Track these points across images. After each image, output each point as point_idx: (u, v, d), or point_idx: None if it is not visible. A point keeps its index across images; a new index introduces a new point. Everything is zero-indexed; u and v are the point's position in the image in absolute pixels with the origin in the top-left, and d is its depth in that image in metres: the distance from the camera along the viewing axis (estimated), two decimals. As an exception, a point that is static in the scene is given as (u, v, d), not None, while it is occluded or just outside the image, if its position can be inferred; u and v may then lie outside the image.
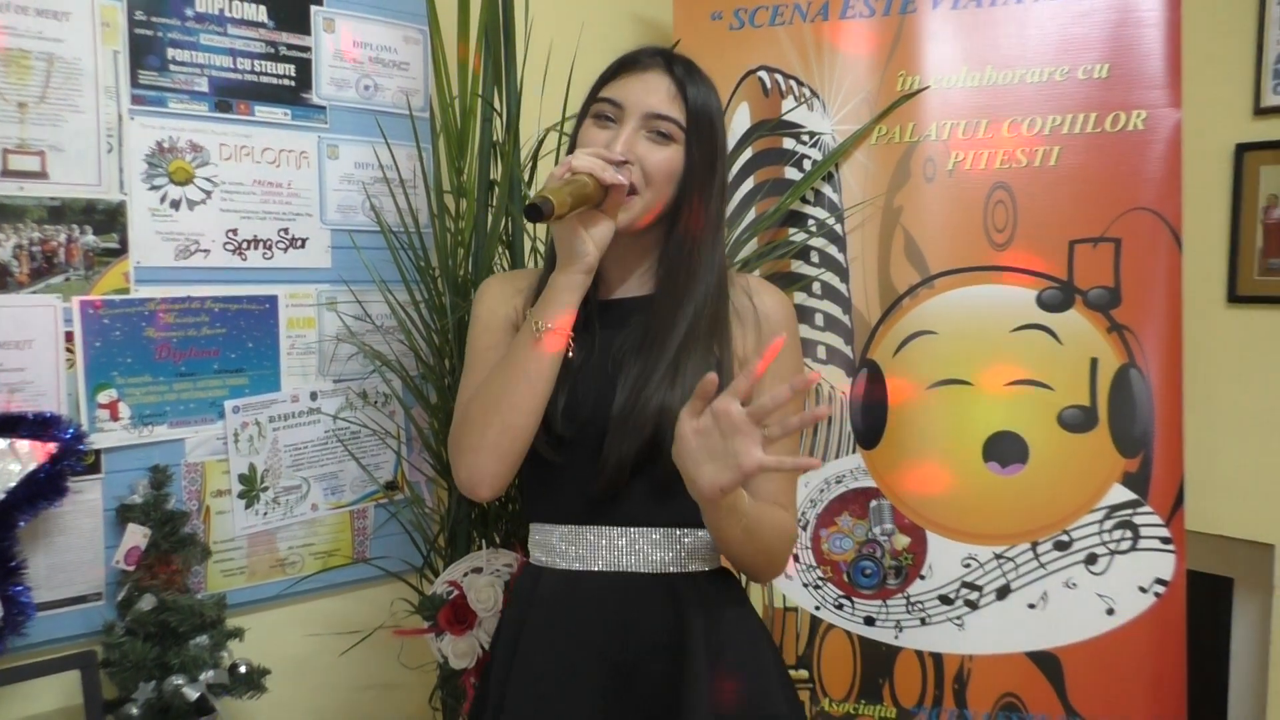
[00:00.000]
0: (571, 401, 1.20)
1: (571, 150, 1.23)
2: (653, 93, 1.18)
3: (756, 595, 1.98)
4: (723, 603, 1.23)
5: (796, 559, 2.00)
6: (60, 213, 1.55)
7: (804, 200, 2.01)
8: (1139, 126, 1.87)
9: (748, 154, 2.04)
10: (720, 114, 1.24)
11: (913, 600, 1.95)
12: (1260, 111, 2.06)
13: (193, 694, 1.54)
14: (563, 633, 1.21)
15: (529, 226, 1.85)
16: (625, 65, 1.22)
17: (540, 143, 1.83)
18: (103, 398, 1.60)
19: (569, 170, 1.13)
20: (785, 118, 2.02)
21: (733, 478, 1.01)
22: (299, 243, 1.82)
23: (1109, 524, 1.88)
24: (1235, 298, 2.10)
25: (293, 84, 1.80)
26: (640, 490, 1.18)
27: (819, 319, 2.00)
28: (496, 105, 1.79)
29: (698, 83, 1.21)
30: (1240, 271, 2.09)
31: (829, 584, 1.99)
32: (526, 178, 1.82)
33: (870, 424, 1.98)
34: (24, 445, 1.46)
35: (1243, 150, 2.08)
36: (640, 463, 1.16)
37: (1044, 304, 1.91)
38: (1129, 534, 1.87)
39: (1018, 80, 1.92)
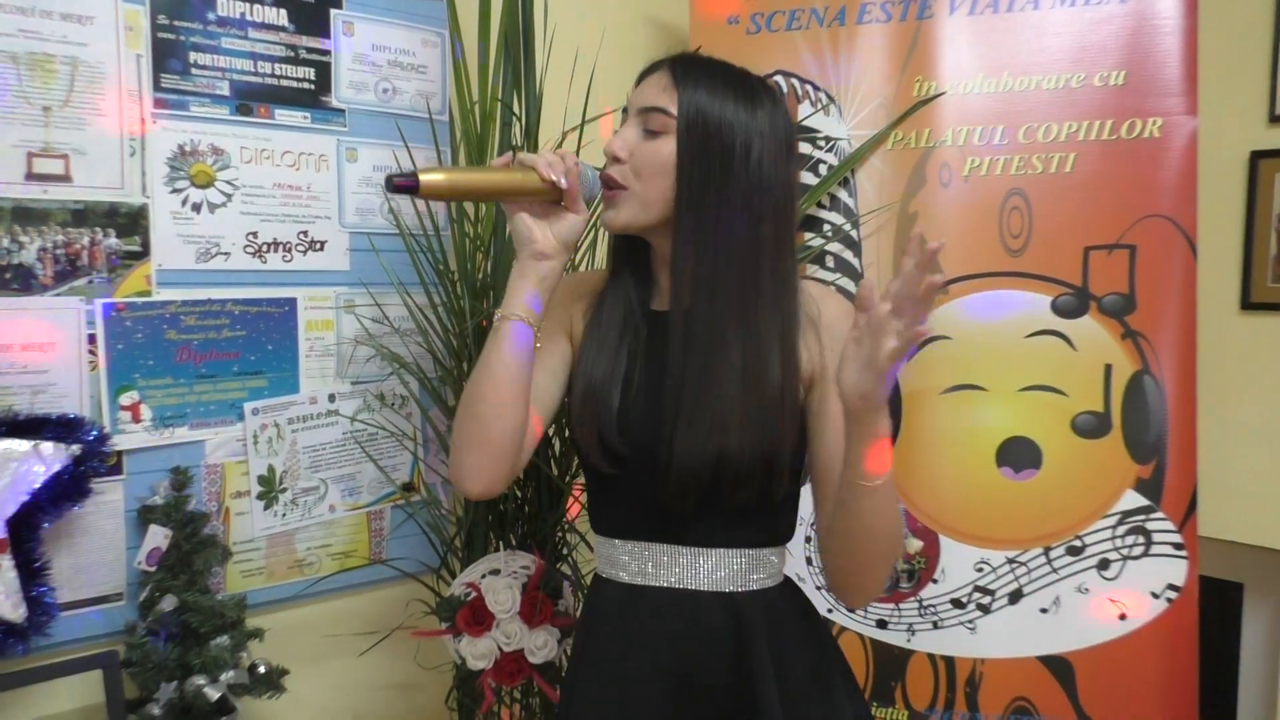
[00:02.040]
0: (624, 413, 1.18)
1: None
2: (648, 89, 1.18)
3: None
4: (787, 616, 1.22)
5: (810, 561, 2.01)
6: (83, 216, 1.56)
7: (820, 205, 2.02)
8: (1155, 134, 1.88)
9: (764, 158, 2.05)
10: (746, 105, 1.15)
11: (925, 604, 1.96)
12: (1275, 119, 2.07)
13: (214, 694, 1.56)
14: (624, 646, 1.21)
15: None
16: (642, 74, 1.22)
17: (559, 147, 1.83)
18: (125, 400, 1.61)
19: (513, 160, 1.13)
20: (802, 123, 2.03)
21: (874, 377, 0.98)
22: (318, 245, 1.83)
23: (1122, 529, 1.89)
24: (1248, 305, 2.11)
25: (312, 87, 1.81)
26: (705, 513, 1.16)
27: (834, 323, 2.01)
28: (516, 109, 1.80)
29: (698, 81, 1.15)
30: (1254, 279, 2.10)
31: (842, 587, 2.00)
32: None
33: (884, 428, 1.98)
34: (48, 447, 1.47)
35: (1257, 158, 2.09)
36: (706, 487, 1.14)
37: (1058, 310, 1.91)
38: (1141, 540, 1.88)
39: (1034, 87, 1.93)
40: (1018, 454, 1.92)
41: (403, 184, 1.06)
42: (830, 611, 2.00)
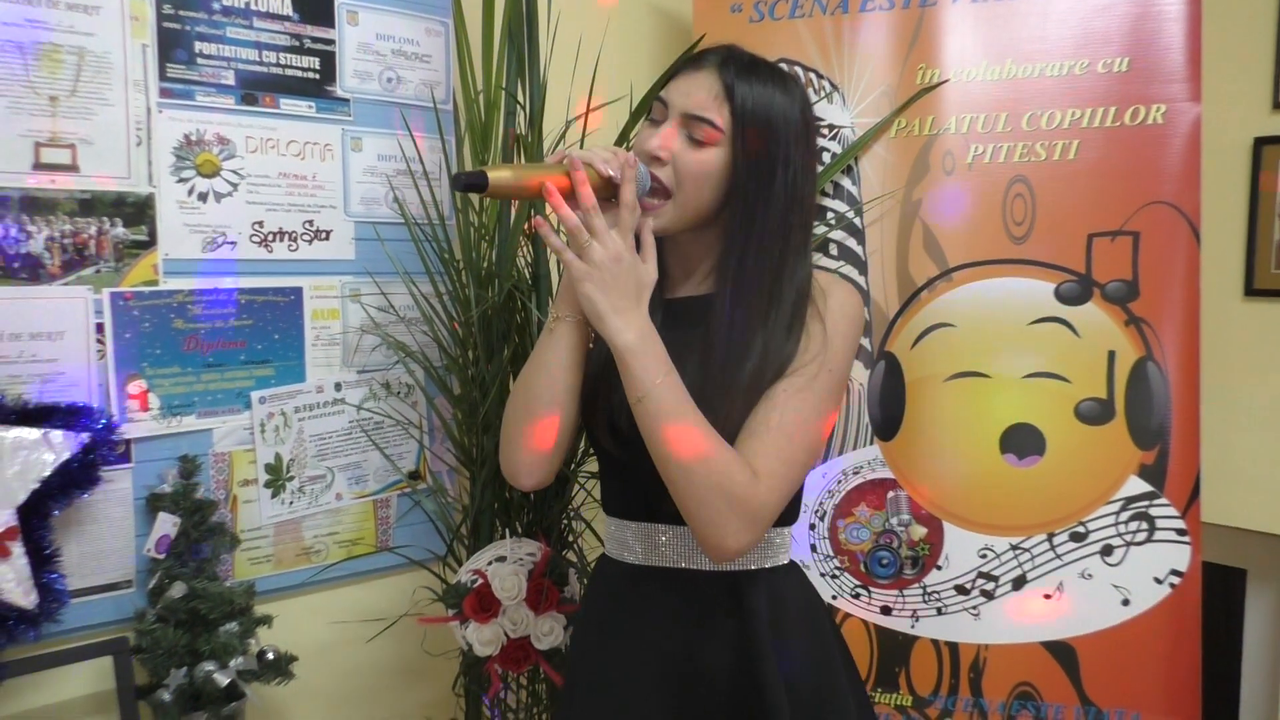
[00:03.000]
0: None
1: None
2: (695, 93, 1.16)
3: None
4: (789, 600, 1.24)
5: (814, 549, 2.01)
6: (91, 205, 1.56)
7: (823, 193, 2.02)
8: (1158, 120, 1.88)
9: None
10: (787, 116, 1.16)
11: (929, 590, 1.96)
12: (1279, 106, 2.07)
13: (223, 680, 1.57)
14: (627, 626, 1.24)
15: (554, 219, 1.86)
16: (686, 64, 1.21)
17: (563, 135, 1.84)
18: (132, 388, 1.62)
19: (565, 157, 1.13)
20: (805, 110, 2.02)
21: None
22: (323, 235, 1.83)
23: (1125, 516, 1.89)
24: (1252, 291, 2.11)
25: (317, 77, 1.81)
26: None
27: (838, 311, 2.01)
28: (520, 98, 1.80)
29: (753, 83, 1.15)
30: (1257, 265, 2.10)
31: (846, 574, 2.01)
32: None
33: (888, 415, 1.99)
34: (57, 435, 1.48)
35: (1261, 144, 2.09)
36: None
37: (1062, 297, 1.92)
38: (1145, 526, 1.89)
39: (1037, 74, 1.93)
40: (1021, 441, 1.93)
41: (470, 182, 1.06)
42: (835, 598, 2.01)
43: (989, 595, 1.94)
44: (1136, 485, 1.89)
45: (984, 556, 1.94)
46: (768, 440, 1.12)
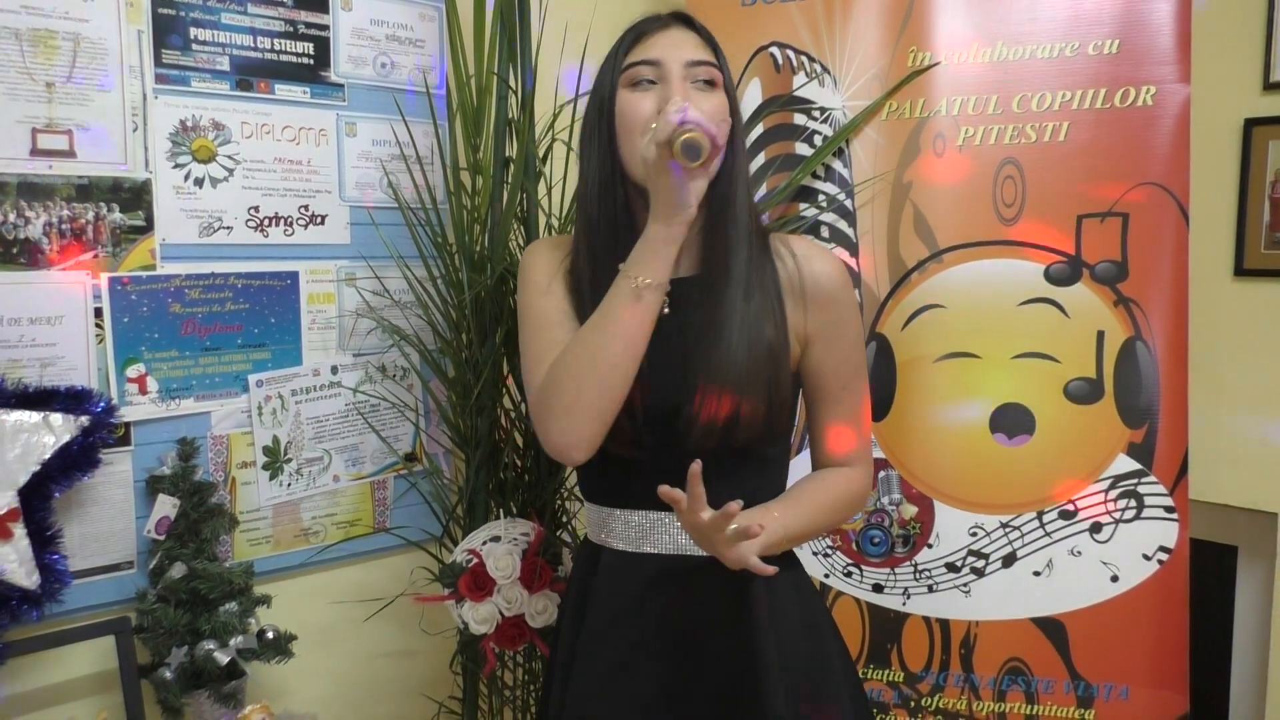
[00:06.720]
0: (646, 399, 1.17)
1: (590, 127, 1.23)
2: (684, 44, 1.18)
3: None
4: (781, 583, 1.24)
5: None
6: (88, 191, 1.58)
7: (814, 176, 2.03)
8: (1148, 102, 1.89)
9: (759, 130, 2.06)
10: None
11: (920, 568, 1.99)
12: (1269, 86, 2.07)
13: (223, 658, 1.60)
14: (626, 610, 1.24)
15: (543, 203, 1.87)
16: (646, 30, 1.22)
17: (554, 119, 1.85)
18: (131, 372, 1.64)
19: (687, 120, 1.05)
20: (796, 93, 2.04)
21: (737, 564, 1.09)
22: (319, 219, 1.85)
23: (1114, 493, 1.91)
24: (1242, 271, 2.12)
25: (311, 62, 1.82)
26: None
27: (829, 293, 2.02)
28: (511, 83, 1.82)
29: (707, 34, 1.25)
30: (1247, 245, 2.11)
31: (838, 552, 2.03)
32: (541, 154, 1.84)
33: (879, 396, 2.01)
34: (57, 418, 1.50)
35: (1251, 125, 2.09)
36: (718, 442, 1.16)
37: (1051, 278, 1.93)
38: (1133, 503, 1.91)
39: (1028, 56, 1.93)
40: (1011, 420, 1.94)
41: (704, 146, 1.05)
42: (827, 576, 2.03)
43: (979, 573, 1.96)
44: (1125, 463, 1.91)
45: (974, 535, 1.96)
46: (845, 434, 1.27)
